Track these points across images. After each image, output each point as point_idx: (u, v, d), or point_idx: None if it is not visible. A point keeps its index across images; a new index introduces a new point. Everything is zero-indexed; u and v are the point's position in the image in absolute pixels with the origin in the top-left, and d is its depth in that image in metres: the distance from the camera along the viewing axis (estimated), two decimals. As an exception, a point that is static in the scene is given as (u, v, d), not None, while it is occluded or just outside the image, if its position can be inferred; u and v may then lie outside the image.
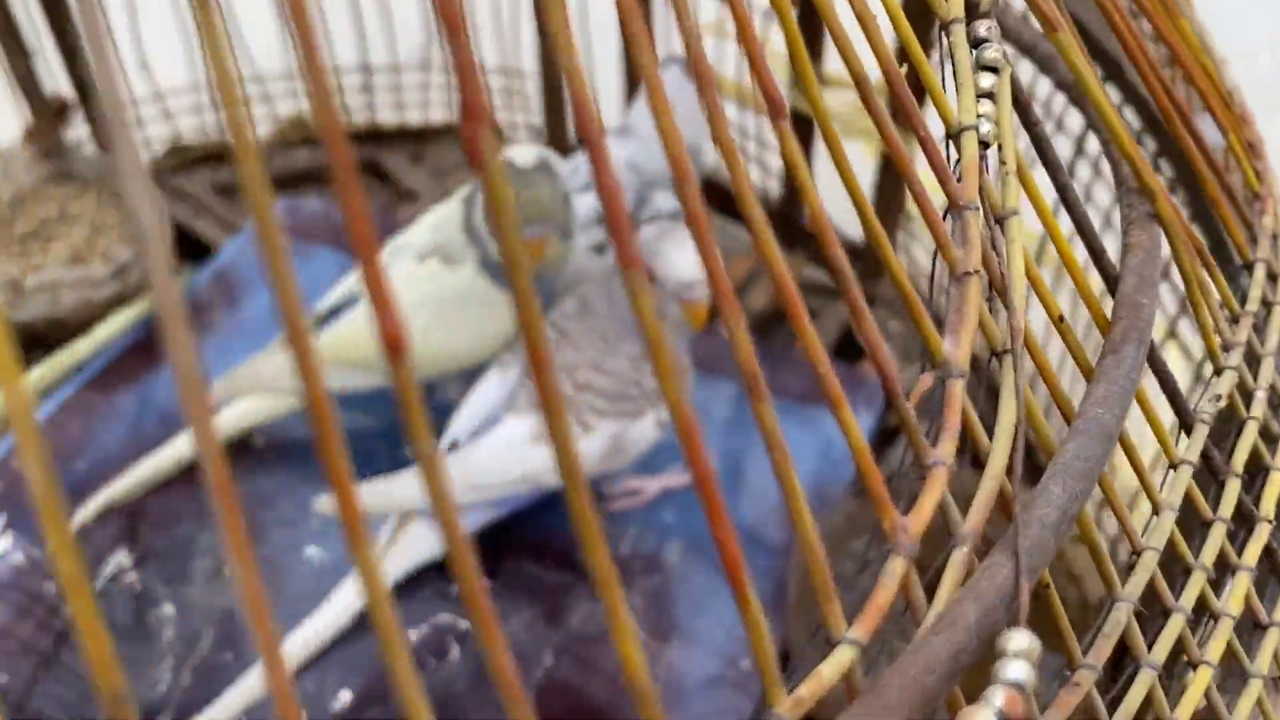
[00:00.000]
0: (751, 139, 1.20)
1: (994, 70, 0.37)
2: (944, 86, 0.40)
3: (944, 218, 0.35)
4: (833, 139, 0.34)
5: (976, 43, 0.38)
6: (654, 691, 0.25)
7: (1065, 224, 0.43)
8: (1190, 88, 0.53)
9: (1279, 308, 0.47)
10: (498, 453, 0.82)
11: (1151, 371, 0.42)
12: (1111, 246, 0.43)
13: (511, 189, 0.72)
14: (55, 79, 1.18)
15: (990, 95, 0.35)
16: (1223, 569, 0.41)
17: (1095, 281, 0.44)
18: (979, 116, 0.35)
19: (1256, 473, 0.44)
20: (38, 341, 1.10)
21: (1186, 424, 0.42)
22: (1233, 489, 0.41)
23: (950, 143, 0.36)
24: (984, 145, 0.34)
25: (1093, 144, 0.93)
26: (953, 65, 0.38)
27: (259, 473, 0.95)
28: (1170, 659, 0.36)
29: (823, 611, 0.28)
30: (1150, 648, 0.36)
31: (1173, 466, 0.39)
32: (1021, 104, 0.38)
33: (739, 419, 1.00)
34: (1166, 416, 0.42)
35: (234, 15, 1.19)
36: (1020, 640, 0.26)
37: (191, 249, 1.25)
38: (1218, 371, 0.43)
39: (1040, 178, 0.43)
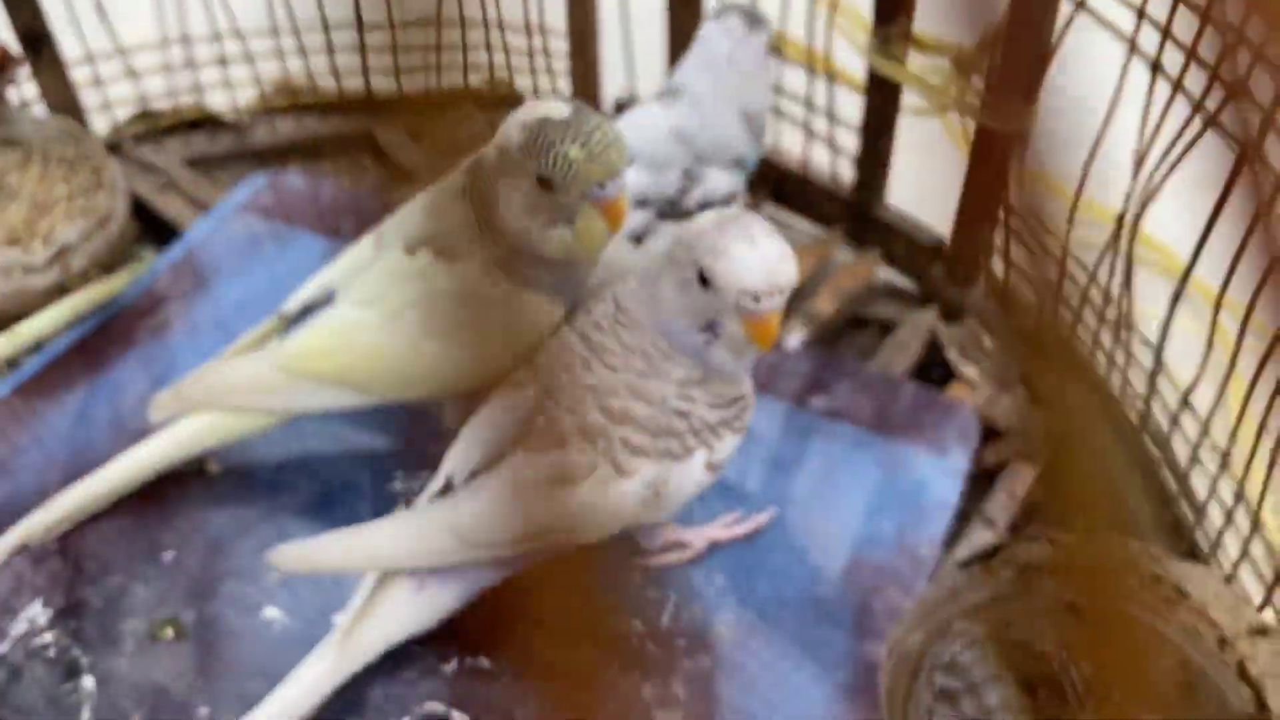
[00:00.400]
0: (820, 112, 1.01)
1: None
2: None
3: None
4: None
5: None
6: None
7: None
8: None
9: None
10: (504, 500, 0.63)
11: None
12: None
13: (573, 142, 0.53)
14: (-4, 27, 1.00)
15: None
16: None
17: None
18: None
19: None
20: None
21: None
22: None
23: None
24: None
25: None
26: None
27: (212, 508, 0.77)
28: None
29: None
30: None
31: None
32: None
33: (793, 445, 0.82)
34: None
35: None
36: None
37: (156, 229, 1.07)
38: None
39: None
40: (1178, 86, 0.68)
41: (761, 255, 0.60)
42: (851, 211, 0.98)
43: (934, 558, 0.74)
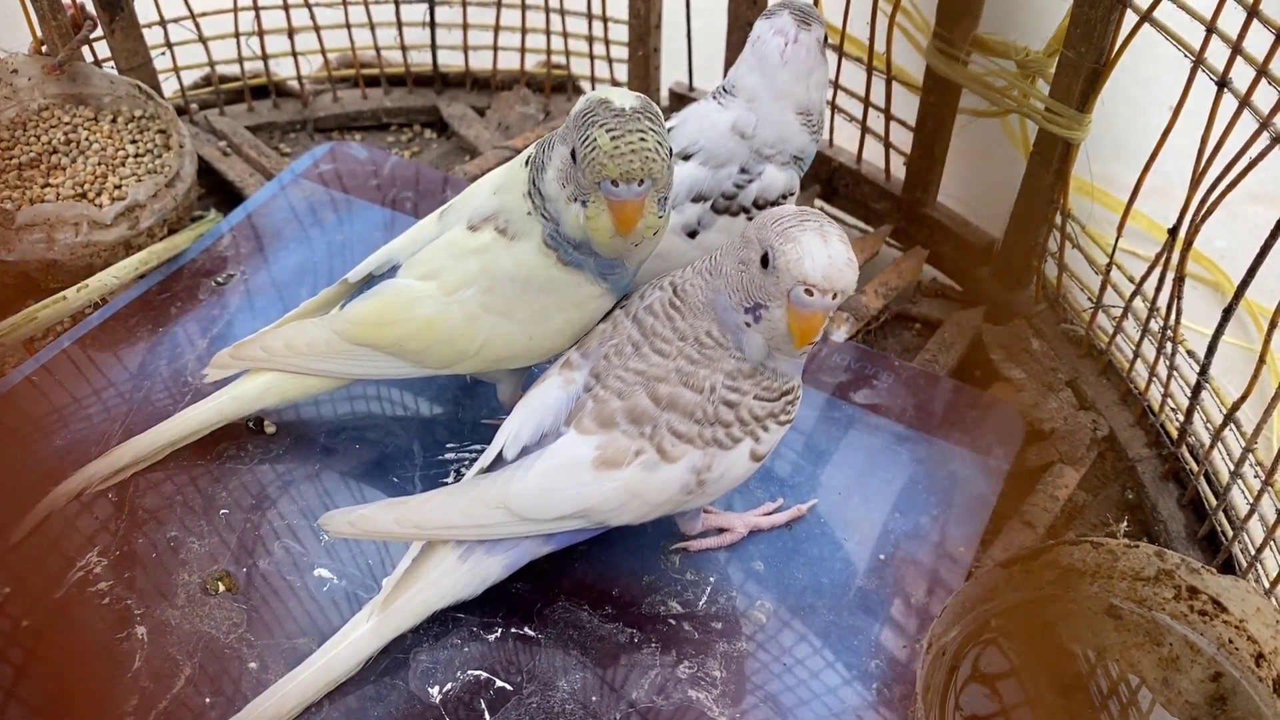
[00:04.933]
0: (876, 110, 1.02)
1: None
2: None
3: None
4: None
5: None
6: None
7: None
8: None
9: None
10: (552, 477, 0.65)
11: None
12: None
13: (607, 131, 0.53)
14: (74, -14, 1.02)
15: None
16: None
17: None
18: None
19: None
20: (29, 287, 0.95)
21: None
22: None
23: None
24: None
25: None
26: None
27: (266, 467, 0.79)
28: None
29: None
30: None
31: None
32: None
33: (834, 437, 0.83)
34: None
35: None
36: None
37: (219, 191, 1.09)
38: None
39: None
40: (1244, 103, 0.68)
41: (830, 253, 0.60)
42: (901, 210, 0.99)
43: (971, 555, 0.74)
